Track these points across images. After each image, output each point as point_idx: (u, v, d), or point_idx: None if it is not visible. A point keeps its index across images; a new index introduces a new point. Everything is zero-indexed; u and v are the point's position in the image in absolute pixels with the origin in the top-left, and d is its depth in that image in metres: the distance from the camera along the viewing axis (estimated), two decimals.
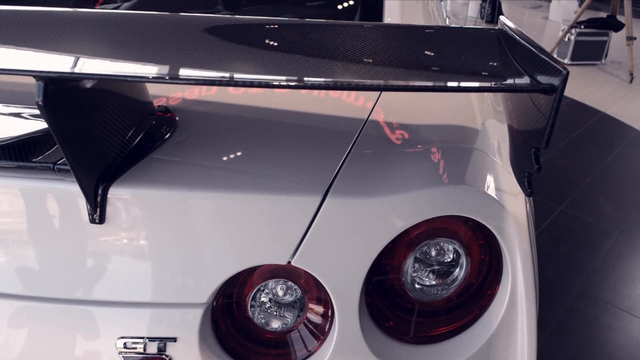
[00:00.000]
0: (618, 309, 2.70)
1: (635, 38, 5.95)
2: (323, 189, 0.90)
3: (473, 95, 1.32)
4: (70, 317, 0.94)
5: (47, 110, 0.72)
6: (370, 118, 1.07)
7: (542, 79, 0.72)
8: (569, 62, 6.42)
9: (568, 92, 5.38)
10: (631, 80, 5.97)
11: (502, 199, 0.99)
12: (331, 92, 1.15)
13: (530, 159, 0.78)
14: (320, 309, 0.98)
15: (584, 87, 5.69)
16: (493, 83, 0.76)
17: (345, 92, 1.16)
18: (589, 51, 6.45)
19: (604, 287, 2.82)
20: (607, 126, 4.78)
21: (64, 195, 0.89)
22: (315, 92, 1.15)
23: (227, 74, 0.68)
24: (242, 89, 1.13)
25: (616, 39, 6.56)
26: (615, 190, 3.74)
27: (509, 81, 0.74)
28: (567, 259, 3.00)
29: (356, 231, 0.91)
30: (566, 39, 6.43)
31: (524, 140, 0.82)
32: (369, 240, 0.91)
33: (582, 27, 6.36)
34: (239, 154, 0.96)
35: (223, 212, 0.89)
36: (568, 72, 0.70)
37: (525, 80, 0.73)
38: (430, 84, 0.72)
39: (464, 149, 1.08)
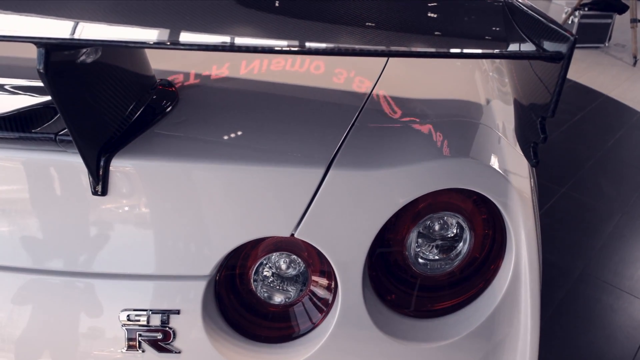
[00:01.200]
0: (619, 290, 2.70)
1: (639, 20, 5.90)
2: (326, 161, 0.89)
3: (477, 73, 1.31)
4: (73, 290, 0.94)
5: (49, 78, 0.71)
6: (373, 92, 1.06)
7: (549, 46, 0.71)
8: None
9: (571, 75, 5.34)
10: (635, 63, 5.92)
11: (507, 172, 0.98)
12: (335, 66, 1.14)
13: (536, 129, 0.77)
14: (323, 282, 0.98)
15: (587, 69, 5.65)
16: (499, 50, 0.75)
17: (349, 66, 1.15)
18: (592, 34, 6.39)
19: (605, 269, 2.82)
20: (610, 109, 4.76)
21: (66, 167, 0.89)
22: (319, 65, 1.14)
23: (229, 39, 0.67)
24: (246, 64, 1.12)
25: (620, 21, 6.49)
26: (617, 172, 3.73)
27: (516, 48, 0.73)
28: (568, 240, 3.00)
29: (359, 204, 0.90)
30: (569, 22, 6.37)
31: (530, 109, 0.81)
32: (373, 212, 0.91)
33: (586, 9, 6.29)
34: (241, 126, 0.96)
35: (225, 184, 0.88)
36: (576, 39, 0.69)
37: (532, 47, 0.72)
38: (434, 50, 0.71)
39: (469, 123, 1.07)
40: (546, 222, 3.13)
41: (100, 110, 0.84)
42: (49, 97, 0.88)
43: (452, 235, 1.02)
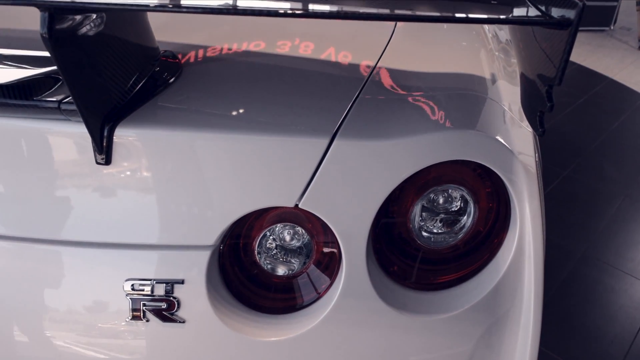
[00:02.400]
0: (621, 272, 2.71)
1: None
2: (331, 131, 0.89)
3: (483, 52, 1.30)
4: (76, 260, 0.94)
5: (52, 42, 0.71)
6: (378, 65, 1.05)
7: (557, 12, 0.70)
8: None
9: (575, 58, 5.31)
10: None
11: (512, 145, 0.98)
12: (340, 39, 1.13)
13: (543, 97, 0.77)
14: (327, 253, 0.98)
15: (592, 52, 5.61)
16: (505, 15, 0.74)
17: (354, 39, 1.14)
18: (597, 17, 6.34)
19: (607, 251, 2.82)
20: (614, 92, 4.73)
21: (69, 136, 0.89)
22: (324, 38, 1.13)
23: (232, 1, 0.66)
24: (251, 38, 1.11)
25: (625, 4, 6.44)
26: (621, 155, 3.72)
27: (522, 14, 0.72)
28: (571, 222, 3.00)
29: (364, 174, 0.90)
30: None
31: (537, 78, 0.80)
32: (377, 183, 0.90)
33: None
34: (246, 97, 0.95)
35: (229, 154, 0.88)
36: (584, 5, 0.68)
37: (539, 13, 0.71)
38: (439, 14, 0.71)
39: (474, 97, 1.06)
40: (549, 204, 3.12)
41: (103, 78, 0.84)
42: (52, 67, 0.88)
43: (456, 209, 1.02)
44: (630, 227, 3.03)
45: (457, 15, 0.72)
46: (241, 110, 0.93)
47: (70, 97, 0.81)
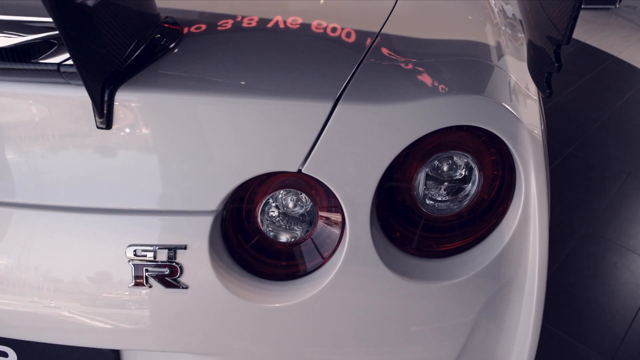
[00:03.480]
0: (623, 249, 2.70)
1: None
2: (334, 95, 0.87)
3: (489, 22, 1.28)
4: (78, 225, 0.93)
5: (53, 2, 0.69)
6: (383, 30, 1.03)
7: None
8: (582, 7, 6.24)
9: (579, 36, 5.26)
10: None
11: (518, 111, 0.96)
12: (345, 5, 1.11)
13: (550, 58, 0.75)
14: (331, 220, 0.97)
15: (597, 31, 5.55)
16: None
17: (359, 4, 1.13)
18: None
19: (610, 228, 2.82)
20: (619, 71, 4.69)
21: (69, 100, 0.87)
22: (329, 4, 1.12)
23: None
24: (252, 2, 1.09)
25: None
26: (624, 133, 3.70)
27: None
28: (574, 200, 2.99)
29: (368, 139, 0.89)
30: None
31: (545, 39, 0.79)
32: (381, 148, 0.89)
33: None
34: (248, 62, 0.94)
35: (231, 118, 0.87)
36: None
37: None
38: None
39: (481, 63, 1.05)
40: (552, 181, 3.11)
41: (104, 41, 0.82)
42: (52, 32, 0.87)
43: (461, 176, 1.01)
44: (633, 205, 3.02)
45: None
46: (243, 75, 0.91)
47: (70, 60, 0.80)
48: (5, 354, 1.10)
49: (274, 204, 0.97)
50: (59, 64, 0.82)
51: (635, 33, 5.64)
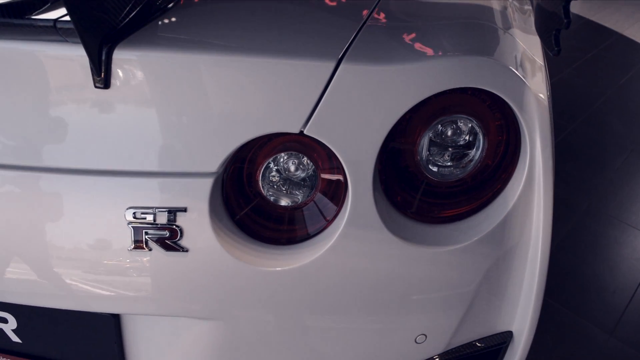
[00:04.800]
0: (625, 224, 2.70)
1: None
2: (337, 55, 0.86)
3: None
4: (76, 188, 0.92)
5: None
6: None
7: None
8: None
9: (584, 13, 5.20)
10: None
11: (524, 74, 0.95)
12: None
13: (559, 15, 0.73)
14: (333, 183, 0.95)
15: (601, 7, 5.49)
16: None
17: None
18: None
19: (612, 204, 2.81)
20: (623, 47, 4.65)
21: (66, 59, 0.85)
22: None
23: None
24: None
25: None
26: (628, 110, 3.68)
27: None
28: (576, 175, 2.98)
29: (371, 100, 0.87)
30: None
31: None
32: (385, 109, 0.88)
33: None
34: (250, 21, 0.92)
35: (232, 77, 0.85)
36: None
37: None
38: None
39: (486, 26, 1.03)
40: (555, 156, 3.10)
41: None
42: None
43: (465, 142, 0.99)
44: (636, 181, 3.01)
45: None
46: (245, 34, 0.89)
47: (67, 16, 0.78)
48: (5, 320, 1.09)
49: (275, 168, 0.95)
50: (56, 20, 0.80)
51: (639, 10, 5.58)
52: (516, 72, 0.93)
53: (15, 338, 1.12)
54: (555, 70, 3.97)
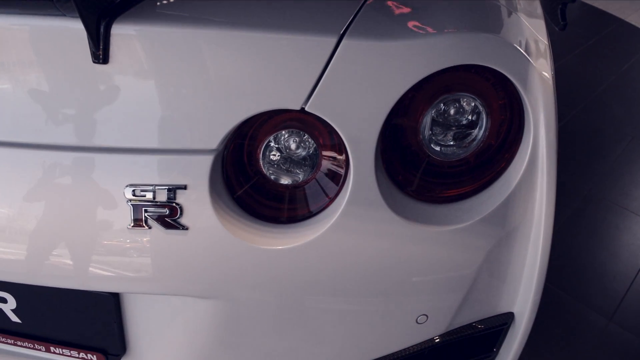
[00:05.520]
0: (626, 211, 2.69)
1: None
2: (339, 30, 0.84)
3: None
4: (74, 165, 0.91)
5: None
6: None
7: None
8: None
9: None
10: None
11: (528, 52, 0.93)
12: None
13: None
14: (334, 161, 0.94)
15: None
16: None
17: None
18: None
19: (613, 190, 2.80)
20: (625, 34, 4.61)
21: (64, 33, 0.84)
22: None
23: None
24: None
25: None
26: (629, 97, 3.66)
27: None
28: (577, 162, 2.97)
29: (373, 76, 0.86)
30: None
31: None
32: (387, 86, 0.86)
33: None
34: None
35: (233, 53, 0.84)
36: None
37: None
38: None
39: (490, 4, 1.02)
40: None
41: None
42: None
43: (468, 122, 0.98)
44: (637, 167, 3.00)
45: None
46: (246, 9, 0.88)
47: None
48: (4, 300, 1.09)
49: (276, 146, 0.94)
50: None
51: None
52: (521, 50, 0.92)
53: (14, 318, 1.11)
54: (556, 57, 3.92)
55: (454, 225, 0.97)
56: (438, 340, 1.10)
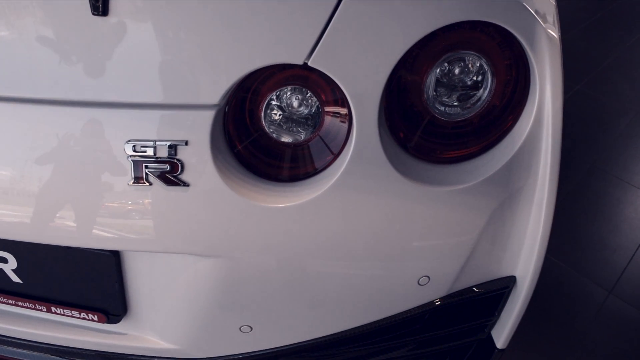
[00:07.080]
0: (628, 184, 2.69)
1: None
2: None
3: None
4: (73, 120, 0.89)
5: None
6: None
7: None
8: None
9: None
10: None
11: (535, 10, 0.91)
12: None
13: None
14: (337, 118, 0.93)
15: None
16: None
17: None
18: None
19: (615, 164, 2.79)
20: (631, 9, 4.55)
21: None
22: None
23: None
24: None
25: None
26: (633, 72, 3.63)
27: None
28: (580, 136, 2.96)
29: (378, 31, 0.84)
30: None
31: None
32: (392, 41, 0.85)
33: None
34: None
35: (235, 5, 0.82)
36: None
37: None
38: None
39: None
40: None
41: None
42: None
43: (472, 82, 0.96)
44: None
45: None
46: None
47: None
48: (5, 260, 1.09)
49: (278, 103, 0.93)
50: None
51: None
52: (528, 7, 0.90)
53: (15, 278, 1.11)
54: (562, 31, 3.90)
55: (457, 185, 0.96)
56: (439, 302, 1.09)
